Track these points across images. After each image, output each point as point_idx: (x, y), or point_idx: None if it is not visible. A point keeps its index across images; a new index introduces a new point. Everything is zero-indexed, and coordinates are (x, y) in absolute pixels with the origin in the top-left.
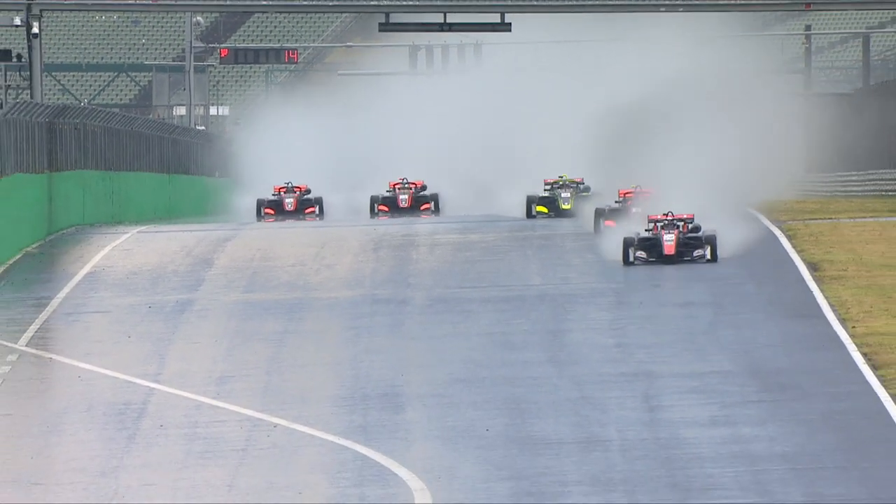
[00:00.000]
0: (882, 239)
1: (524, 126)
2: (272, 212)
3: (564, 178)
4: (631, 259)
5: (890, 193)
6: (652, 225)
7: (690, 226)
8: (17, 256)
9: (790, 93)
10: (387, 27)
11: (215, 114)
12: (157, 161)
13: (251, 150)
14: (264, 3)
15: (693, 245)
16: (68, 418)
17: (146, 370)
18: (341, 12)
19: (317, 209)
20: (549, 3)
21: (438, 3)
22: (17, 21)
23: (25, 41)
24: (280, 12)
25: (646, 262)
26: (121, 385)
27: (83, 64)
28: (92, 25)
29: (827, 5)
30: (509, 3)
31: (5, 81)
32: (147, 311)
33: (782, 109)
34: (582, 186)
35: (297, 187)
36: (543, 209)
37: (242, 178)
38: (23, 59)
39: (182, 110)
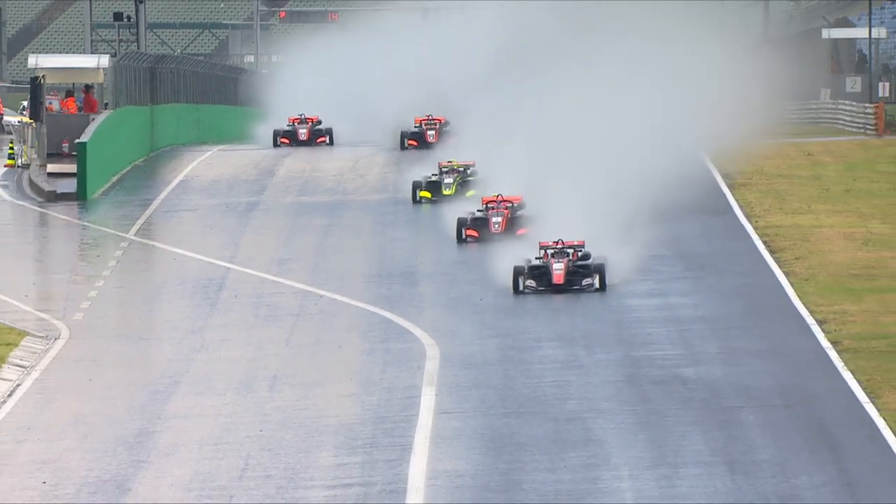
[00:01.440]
0: (779, 155)
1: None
2: (287, 141)
3: (453, 163)
4: (521, 288)
5: (808, 121)
6: (542, 252)
7: (580, 253)
8: (128, 168)
9: (742, 45)
10: None
11: (276, 61)
12: (231, 96)
13: (280, 86)
14: None
15: (582, 274)
16: (166, 290)
17: (224, 254)
18: None
19: (327, 139)
20: None
21: None
22: None
23: (134, 5)
24: None
25: (535, 290)
26: (205, 265)
27: (176, 23)
28: None
29: None
30: None
31: (118, 36)
32: (225, 209)
33: (734, 59)
34: (470, 170)
35: (310, 118)
36: (427, 195)
37: (271, 109)
38: (131, 20)
39: (251, 59)
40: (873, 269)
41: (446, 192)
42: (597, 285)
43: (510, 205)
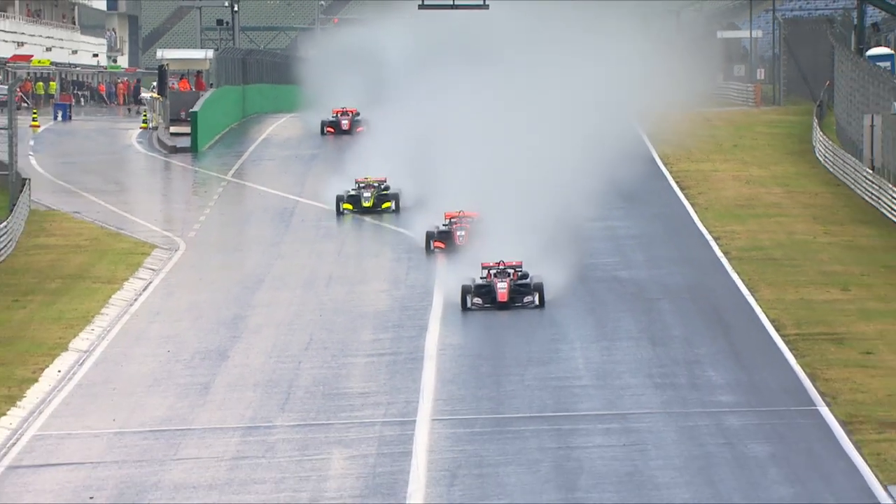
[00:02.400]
0: (687, 121)
1: None
2: (332, 130)
3: (369, 179)
4: (469, 305)
5: (707, 97)
6: (486, 272)
7: (520, 272)
8: (226, 130)
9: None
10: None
11: (314, 54)
12: (297, 78)
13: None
14: None
15: (523, 292)
16: (253, 216)
17: (294, 190)
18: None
19: (364, 128)
20: None
21: None
22: (226, 3)
23: (230, 14)
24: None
25: (481, 307)
26: (281, 198)
27: (261, 26)
28: (264, 4)
29: None
30: None
31: (220, 36)
32: (295, 158)
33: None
34: (383, 186)
35: (350, 110)
36: (349, 206)
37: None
38: (228, 24)
39: (314, 53)
40: (752, 201)
41: (366, 204)
42: (536, 302)
43: (471, 220)
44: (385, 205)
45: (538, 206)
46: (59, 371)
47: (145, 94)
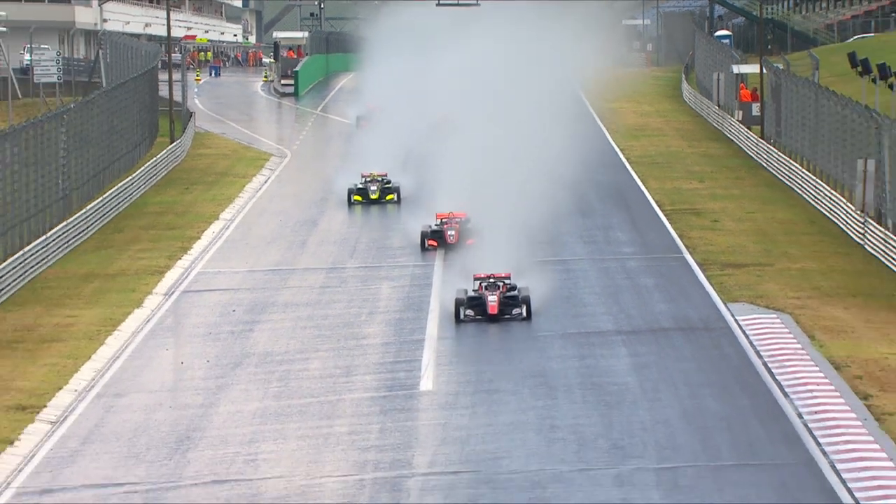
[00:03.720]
0: (606, 79)
1: None
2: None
3: (374, 174)
4: (462, 317)
5: (617, 64)
6: (477, 284)
7: (508, 285)
8: (315, 83)
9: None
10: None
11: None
12: (360, 48)
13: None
14: None
15: (511, 304)
16: (334, 136)
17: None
18: None
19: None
20: None
21: None
22: (316, 2)
23: (318, 9)
24: None
25: (473, 319)
26: (344, 125)
27: (336, 16)
28: (340, 4)
29: None
30: None
31: (311, 23)
32: (359, 97)
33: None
34: (383, 179)
35: (374, 107)
36: (359, 198)
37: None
38: (316, 16)
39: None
40: (644, 126)
41: (372, 196)
42: (524, 314)
43: (459, 220)
44: (388, 197)
45: (503, 119)
46: (213, 232)
47: (266, 60)
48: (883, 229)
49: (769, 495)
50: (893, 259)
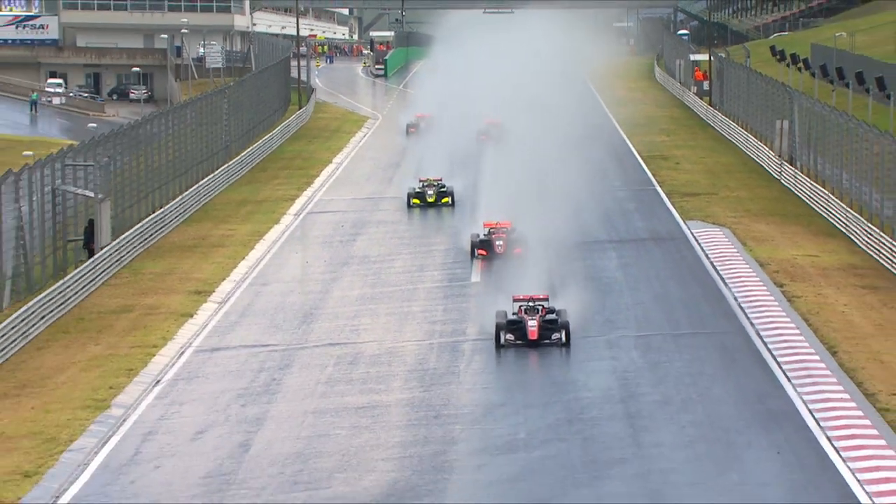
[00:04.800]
0: (602, 64)
1: None
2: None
3: (430, 179)
4: (502, 342)
5: (612, 55)
6: (517, 307)
7: (547, 308)
8: (398, 67)
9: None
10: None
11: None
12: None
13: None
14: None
15: (551, 329)
16: (412, 104)
17: (428, 94)
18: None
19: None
20: None
21: None
22: (401, 13)
23: (401, 16)
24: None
25: (513, 343)
26: (423, 96)
27: (415, 21)
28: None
29: None
30: None
31: (397, 26)
32: (433, 74)
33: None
34: (438, 184)
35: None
36: (417, 201)
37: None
38: (399, 21)
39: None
40: (629, 98)
41: (429, 199)
42: (563, 340)
43: (506, 230)
44: (444, 200)
45: (529, 93)
46: (328, 171)
47: (364, 52)
48: (794, 169)
49: (714, 354)
50: (801, 189)
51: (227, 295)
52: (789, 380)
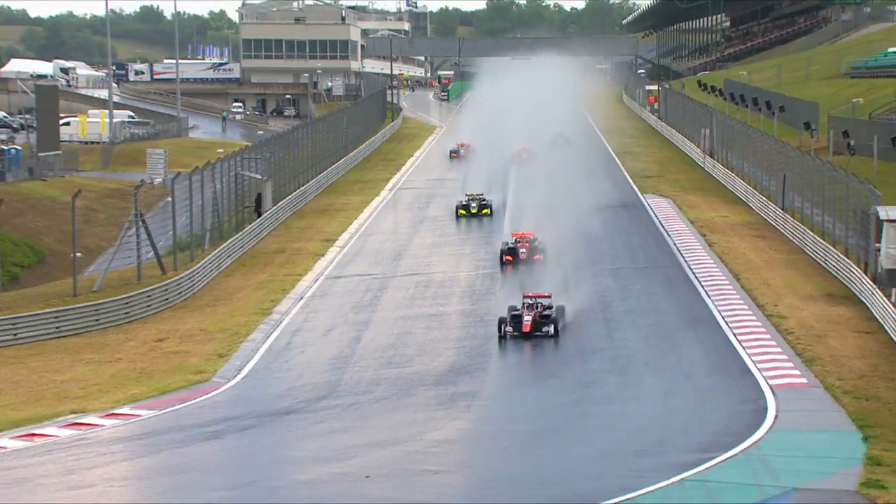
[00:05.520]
0: (589, 96)
1: None
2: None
3: (473, 194)
4: (502, 333)
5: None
6: (522, 303)
7: (545, 304)
8: (456, 95)
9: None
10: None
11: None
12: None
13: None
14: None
15: (543, 323)
16: (467, 119)
17: (478, 112)
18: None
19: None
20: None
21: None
22: (457, 59)
23: (458, 61)
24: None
25: (511, 335)
26: (473, 114)
27: (465, 64)
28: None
29: None
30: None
31: (456, 66)
32: (480, 106)
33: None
34: (480, 198)
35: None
36: (463, 212)
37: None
38: (458, 64)
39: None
40: (607, 117)
41: (473, 211)
42: (552, 332)
43: (529, 239)
44: (484, 211)
45: (542, 113)
46: (411, 161)
47: (434, 84)
48: (713, 160)
49: (660, 280)
50: (717, 174)
51: (345, 242)
52: (709, 296)
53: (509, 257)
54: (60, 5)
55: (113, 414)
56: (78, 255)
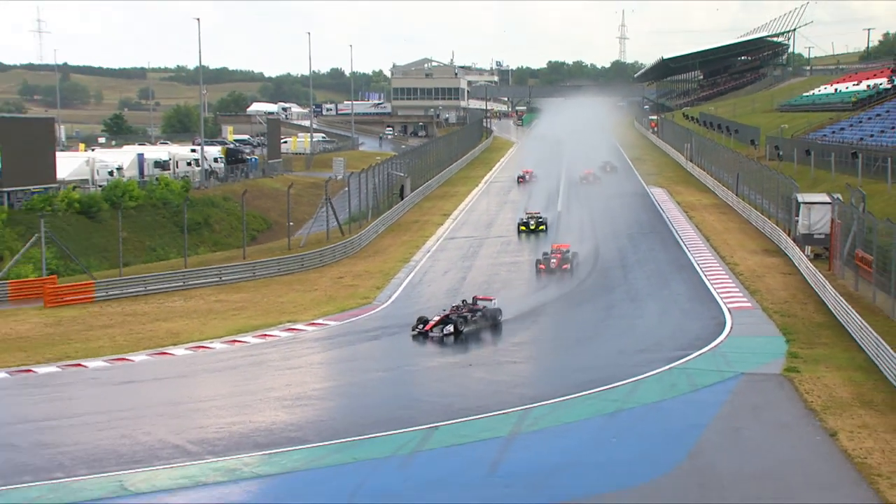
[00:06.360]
0: (616, 125)
1: None
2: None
3: (532, 213)
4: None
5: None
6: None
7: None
8: (529, 122)
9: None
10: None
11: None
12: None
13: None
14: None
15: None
16: (534, 140)
17: (544, 133)
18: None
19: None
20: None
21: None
22: (527, 100)
23: (528, 101)
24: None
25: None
26: (540, 135)
27: (533, 103)
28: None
29: None
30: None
31: (524, 105)
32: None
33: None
34: (537, 216)
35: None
36: (523, 228)
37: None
38: (529, 103)
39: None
40: (624, 137)
41: (531, 227)
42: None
43: (561, 251)
44: (540, 227)
45: (582, 142)
46: (498, 164)
47: (514, 115)
48: (692, 164)
49: (658, 241)
50: (694, 173)
51: (456, 216)
52: (689, 251)
53: (542, 266)
54: (283, 68)
55: (312, 323)
56: (290, 224)
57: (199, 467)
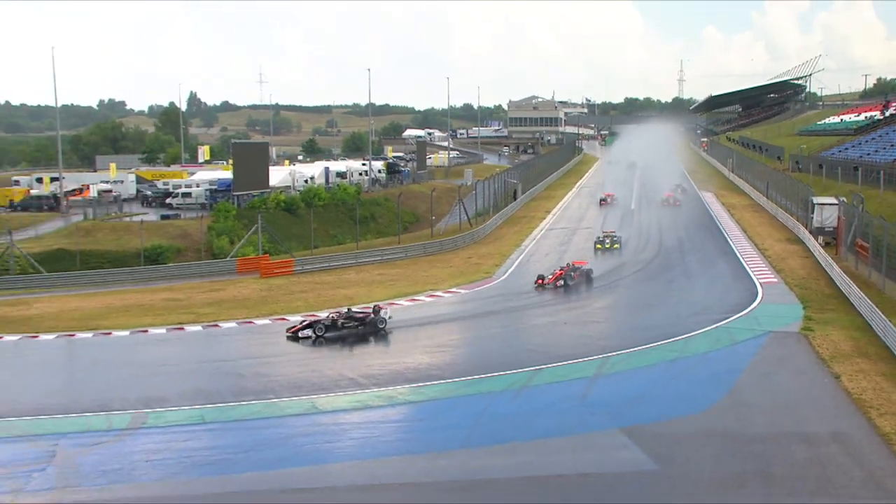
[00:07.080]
0: (678, 146)
1: None
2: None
3: (607, 232)
4: (595, 249)
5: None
6: (604, 235)
7: (614, 236)
8: (611, 143)
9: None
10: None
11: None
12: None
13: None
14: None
15: (614, 241)
16: (613, 156)
17: (619, 153)
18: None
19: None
20: None
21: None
22: (607, 129)
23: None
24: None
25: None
26: (618, 155)
27: (611, 130)
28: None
29: None
30: None
31: (608, 131)
32: (611, 164)
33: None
34: (612, 235)
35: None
36: (599, 246)
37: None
38: (610, 129)
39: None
40: (683, 153)
41: (607, 246)
42: (561, 283)
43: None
44: (615, 245)
45: (653, 156)
46: (587, 174)
47: (599, 138)
48: (734, 175)
49: (706, 233)
50: (736, 182)
51: (554, 212)
52: (731, 241)
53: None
54: (428, 103)
55: (448, 290)
56: (433, 217)
57: (367, 394)
